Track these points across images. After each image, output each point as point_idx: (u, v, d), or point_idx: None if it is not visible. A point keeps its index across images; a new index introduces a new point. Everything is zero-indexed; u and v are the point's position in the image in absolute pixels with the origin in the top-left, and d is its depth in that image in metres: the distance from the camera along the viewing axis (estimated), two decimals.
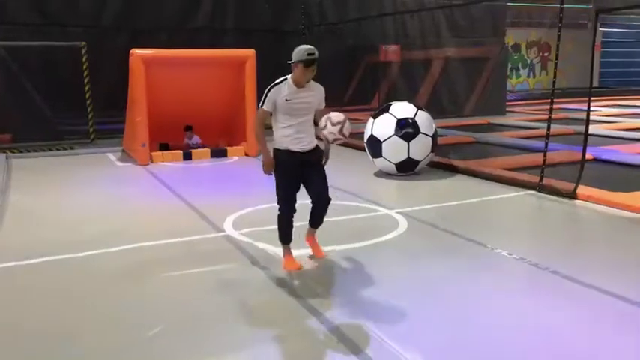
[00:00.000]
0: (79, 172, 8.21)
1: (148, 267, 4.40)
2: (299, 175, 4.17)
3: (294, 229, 4.32)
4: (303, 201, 4.28)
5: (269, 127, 4.18)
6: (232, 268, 4.37)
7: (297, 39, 12.16)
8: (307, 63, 3.93)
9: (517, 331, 3.34)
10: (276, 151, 4.17)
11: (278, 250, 4.48)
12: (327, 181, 4.25)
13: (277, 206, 4.25)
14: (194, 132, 9.43)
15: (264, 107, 4.08)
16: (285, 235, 4.33)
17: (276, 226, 4.30)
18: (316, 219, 4.36)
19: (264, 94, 4.07)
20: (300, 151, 4.10)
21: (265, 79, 4.26)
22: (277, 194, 4.22)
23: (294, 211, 4.25)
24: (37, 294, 3.96)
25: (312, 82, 4.12)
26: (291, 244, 4.37)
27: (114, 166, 8.79)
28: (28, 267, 4.43)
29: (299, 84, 4.03)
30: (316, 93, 4.14)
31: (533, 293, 3.91)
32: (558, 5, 6.52)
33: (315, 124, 4.20)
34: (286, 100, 4.01)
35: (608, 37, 23.71)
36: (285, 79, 4.07)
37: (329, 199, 4.26)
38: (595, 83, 17.92)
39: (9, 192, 6.93)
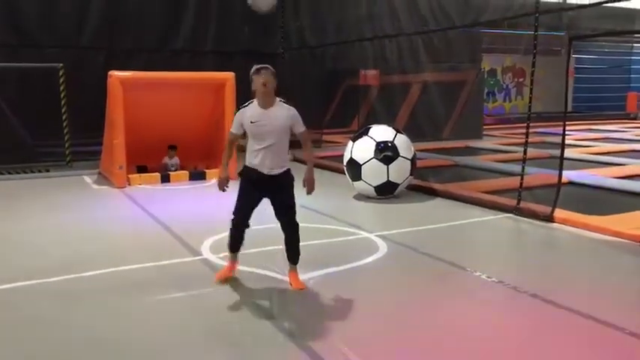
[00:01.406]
0: (54, 195, 8.05)
1: (122, 292, 4.30)
2: (262, 193, 4.17)
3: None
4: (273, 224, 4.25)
5: (244, 150, 4.20)
6: (210, 293, 4.28)
7: (276, 62, 12.24)
8: (255, 71, 4.01)
9: (497, 356, 3.32)
10: (245, 167, 4.21)
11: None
12: (295, 205, 4.24)
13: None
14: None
15: (231, 130, 4.20)
16: (233, 244, 4.33)
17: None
18: (290, 250, 4.31)
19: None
20: (268, 174, 4.09)
21: (245, 102, 4.28)
22: (235, 206, 4.24)
23: (247, 225, 4.27)
24: (7, 321, 3.83)
25: (280, 103, 4.12)
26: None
27: (90, 188, 8.65)
28: None
29: (263, 104, 4.05)
30: (284, 115, 4.09)
31: (514, 317, 3.91)
32: (533, 32, 6.67)
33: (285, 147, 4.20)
34: (251, 122, 4.04)
35: (581, 63, 24.32)
36: (252, 101, 4.12)
37: (296, 224, 4.25)
38: (568, 108, 18.29)
39: None
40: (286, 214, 4.21)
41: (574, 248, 5.62)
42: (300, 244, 4.37)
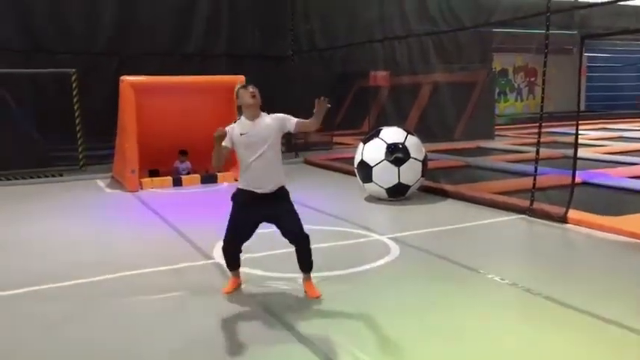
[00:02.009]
0: (67, 199, 8.12)
1: (134, 296, 4.32)
2: (257, 219, 4.15)
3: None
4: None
5: None
6: (221, 297, 4.27)
7: (287, 65, 12.26)
8: (242, 87, 4.13)
9: (511, 359, 3.29)
10: (238, 190, 4.20)
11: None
12: (299, 217, 4.17)
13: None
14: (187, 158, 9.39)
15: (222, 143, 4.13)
16: (229, 263, 4.35)
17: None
18: (302, 260, 4.26)
19: None
20: (261, 192, 4.07)
21: None
22: (227, 228, 4.21)
23: (240, 251, 4.27)
24: (18, 325, 3.86)
25: (264, 115, 4.14)
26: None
27: (102, 192, 8.71)
28: (10, 297, 4.34)
29: (251, 117, 4.09)
30: (271, 121, 4.12)
31: (527, 319, 3.87)
32: (544, 32, 6.61)
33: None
34: (241, 134, 4.07)
35: (594, 61, 24.10)
36: (239, 119, 4.17)
37: (306, 236, 4.19)
38: (581, 107, 18.15)
39: None
40: (294, 225, 4.15)
41: (588, 249, 5.56)
42: (312, 246, 4.33)
